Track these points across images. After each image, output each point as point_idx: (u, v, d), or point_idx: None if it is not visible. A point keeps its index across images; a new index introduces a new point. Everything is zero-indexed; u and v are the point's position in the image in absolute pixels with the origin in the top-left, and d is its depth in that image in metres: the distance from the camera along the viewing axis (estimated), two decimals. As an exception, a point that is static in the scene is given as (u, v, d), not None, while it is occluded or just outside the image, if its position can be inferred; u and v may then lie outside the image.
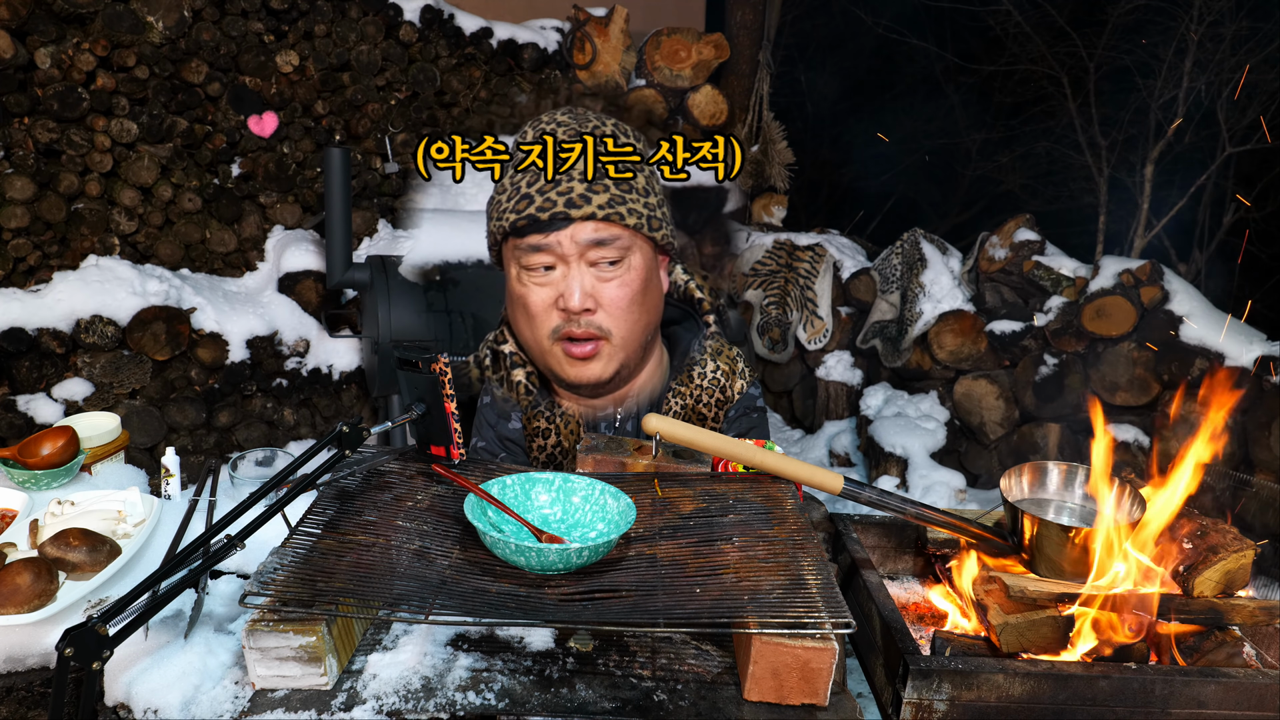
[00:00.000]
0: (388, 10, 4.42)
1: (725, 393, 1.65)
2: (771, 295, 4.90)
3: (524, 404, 1.39)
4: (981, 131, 7.08)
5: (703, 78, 5.33)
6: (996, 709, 1.17)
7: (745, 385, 1.67)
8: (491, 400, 1.63)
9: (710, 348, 1.64)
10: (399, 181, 4.64)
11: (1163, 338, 3.72)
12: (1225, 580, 1.29)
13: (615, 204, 1.15)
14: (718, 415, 1.68)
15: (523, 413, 1.61)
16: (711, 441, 1.43)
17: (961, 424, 4.27)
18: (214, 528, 1.12)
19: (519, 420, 1.65)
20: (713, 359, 1.64)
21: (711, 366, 1.63)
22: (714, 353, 1.64)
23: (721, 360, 1.64)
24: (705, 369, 1.63)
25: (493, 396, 1.62)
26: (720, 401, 1.66)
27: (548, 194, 1.11)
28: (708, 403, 1.64)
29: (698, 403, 1.65)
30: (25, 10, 3.52)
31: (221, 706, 1.00)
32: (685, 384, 1.62)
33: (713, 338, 1.61)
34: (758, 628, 1.00)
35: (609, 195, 1.13)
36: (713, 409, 1.65)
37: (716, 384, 1.62)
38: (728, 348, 1.67)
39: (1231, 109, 5.37)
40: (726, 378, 1.64)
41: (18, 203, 3.63)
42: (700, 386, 1.62)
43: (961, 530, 1.42)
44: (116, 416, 1.80)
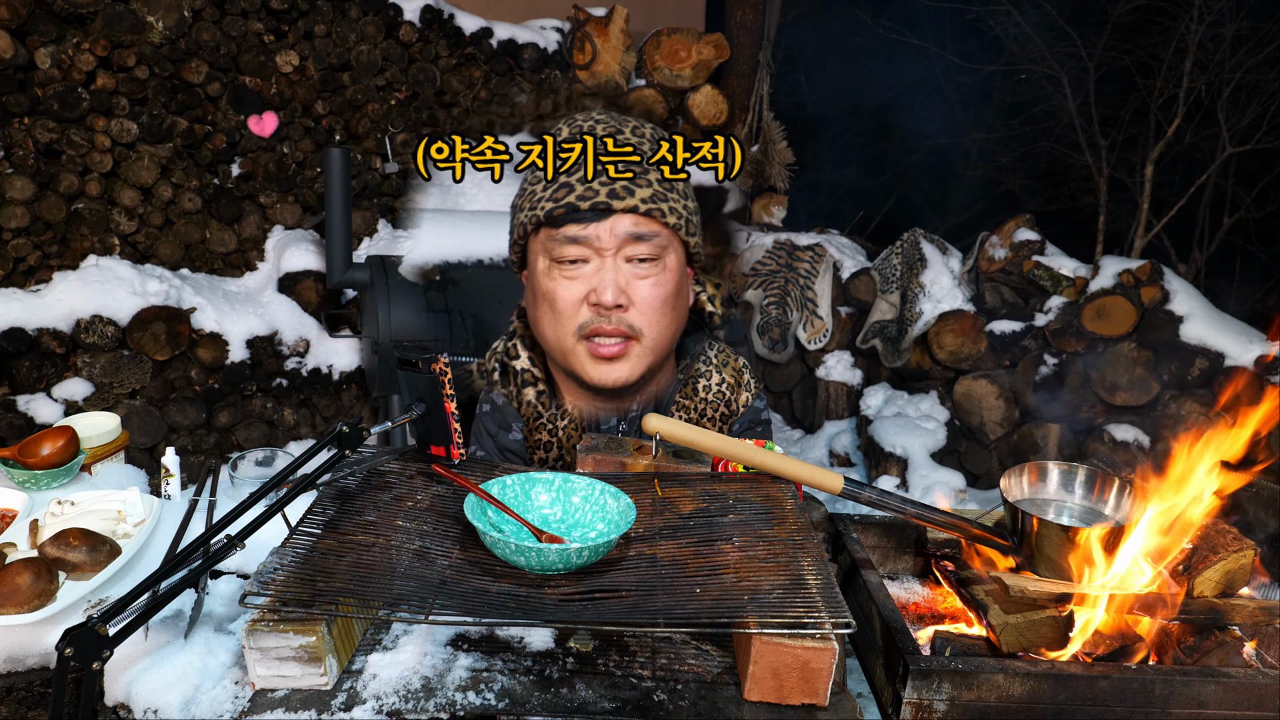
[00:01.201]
0: (388, 10, 4.42)
1: (730, 406, 1.63)
2: (771, 295, 4.91)
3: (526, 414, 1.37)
4: (981, 131, 7.08)
5: (703, 78, 5.33)
6: (996, 709, 1.17)
7: (750, 398, 1.65)
8: (491, 409, 1.60)
9: (716, 359, 1.62)
10: (399, 181, 4.64)
11: (1163, 338, 3.72)
12: (1225, 580, 1.29)
13: (658, 200, 1.13)
14: (721, 430, 1.66)
15: (524, 423, 1.58)
16: (711, 441, 1.43)
17: (961, 424, 4.27)
18: (214, 528, 1.12)
19: (520, 431, 1.61)
20: (718, 371, 1.62)
21: (717, 379, 1.61)
22: (719, 364, 1.62)
23: (727, 372, 1.62)
24: (710, 381, 1.61)
25: (493, 405, 1.59)
26: (725, 415, 1.64)
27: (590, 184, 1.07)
28: (712, 416, 1.63)
29: (701, 416, 1.64)
30: (25, 10, 3.52)
31: (221, 706, 1.00)
32: (690, 397, 1.61)
33: (718, 348, 1.59)
34: (758, 628, 1.00)
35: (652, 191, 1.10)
36: (717, 423, 1.64)
37: (721, 397, 1.61)
38: (734, 359, 1.65)
39: (1231, 109, 5.36)
40: (731, 390, 1.62)
41: (18, 203, 3.63)
42: (705, 400, 1.60)
43: (961, 530, 1.42)
44: (116, 416, 1.80)
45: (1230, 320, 3.75)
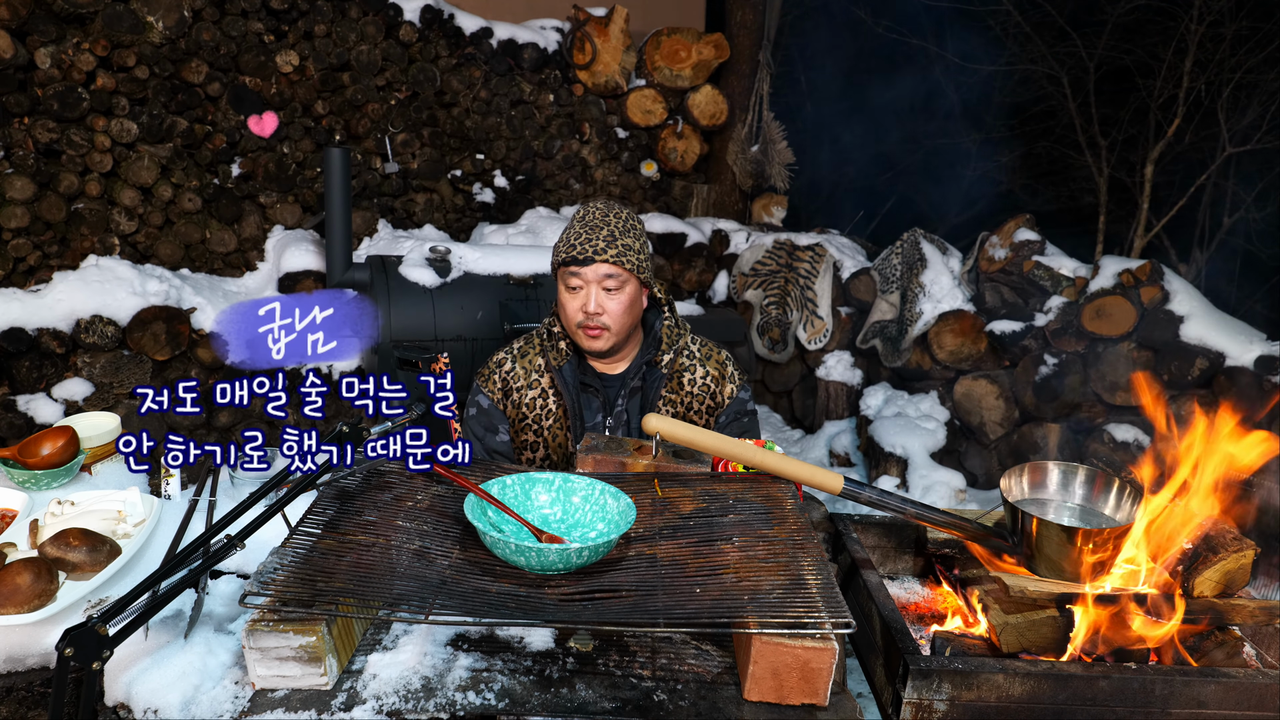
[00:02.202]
0: (388, 10, 4.42)
1: (715, 398, 1.94)
2: (771, 295, 4.90)
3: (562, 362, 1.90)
4: (981, 131, 7.08)
5: (703, 78, 5.33)
6: (996, 709, 1.17)
7: (735, 389, 1.95)
8: (478, 412, 1.94)
9: (699, 353, 1.95)
10: (399, 181, 4.64)
11: (1163, 338, 3.72)
12: (1225, 580, 1.29)
13: (620, 255, 1.81)
14: (709, 422, 1.95)
15: (510, 424, 1.93)
16: (711, 441, 1.43)
17: (961, 424, 4.27)
18: (214, 528, 1.12)
19: (506, 433, 1.94)
20: (702, 364, 1.94)
21: (701, 372, 1.93)
22: (703, 358, 1.95)
23: (711, 365, 1.94)
24: (695, 374, 1.93)
25: (479, 408, 1.93)
26: (711, 408, 1.94)
27: (584, 244, 1.81)
28: (698, 409, 1.93)
29: (689, 410, 1.93)
30: (25, 10, 3.52)
31: (221, 706, 1.00)
32: (675, 390, 1.92)
33: (700, 341, 1.98)
34: (758, 628, 1.00)
35: (616, 250, 1.81)
36: (703, 415, 1.93)
37: (706, 390, 1.93)
38: (716, 352, 1.98)
39: (1231, 109, 5.36)
40: (716, 383, 1.94)
41: (18, 203, 3.63)
42: (690, 394, 1.92)
43: (961, 530, 1.42)
44: (116, 416, 1.80)
45: (1230, 320, 3.75)
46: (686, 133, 5.40)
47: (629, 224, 1.86)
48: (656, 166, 5.39)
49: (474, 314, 3.91)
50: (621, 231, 1.83)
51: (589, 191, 5.27)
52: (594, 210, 1.88)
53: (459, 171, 4.85)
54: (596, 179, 5.28)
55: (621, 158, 5.30)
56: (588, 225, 1.83)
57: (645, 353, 1.92)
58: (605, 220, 1.84)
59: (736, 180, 5.60)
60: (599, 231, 1.81)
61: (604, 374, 1.94)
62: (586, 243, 1.80)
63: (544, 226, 4.82)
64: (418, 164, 4.69)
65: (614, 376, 1.94)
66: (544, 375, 1.92)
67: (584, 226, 1.83)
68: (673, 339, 1.93)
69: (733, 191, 5.65)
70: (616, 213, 1.88)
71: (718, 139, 5.58)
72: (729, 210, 5.65)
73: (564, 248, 1.84)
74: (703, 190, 5.57)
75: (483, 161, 4.89)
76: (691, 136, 5.41)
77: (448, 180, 4.84)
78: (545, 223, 4.86)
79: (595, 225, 1.83)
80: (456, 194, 4.89)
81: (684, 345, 1.94)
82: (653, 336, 1.93)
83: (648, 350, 1.92)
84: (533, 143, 5.01)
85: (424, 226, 4.77)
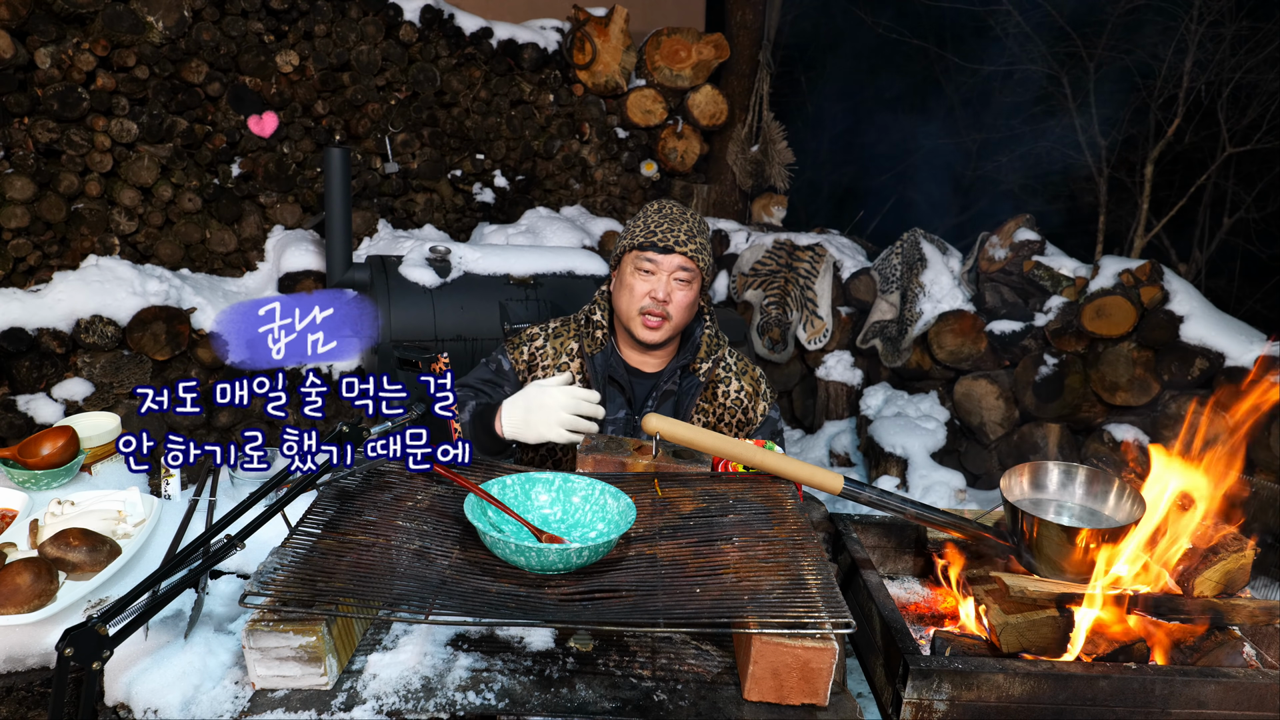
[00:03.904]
0: (388, 10, 4.42)
1: (748, 414, 1.94)
2: (771, 295, 4.90)
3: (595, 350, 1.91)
4: (981, 131, 7.08)
5: (703, 78, 5.33)
6: (996, 709, 1.17)
7: (767, 408, 1.95)
8: (495, 369, 1.96)
9: (736, 367, 1.96)
10: (399, 181, 4.64)
11: (1163, 338, 3.72)
12: (1225, 580, 1.29)
13: (697, 252, 1.85)
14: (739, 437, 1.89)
15: None
16: (711, 441, 1.43)
17: (961, 424, 4.27)
18: (214, 528, 1.12)
19: None
20: (738, 379, 1.95)
21: (736, 386, 1.94)
22: (739, 372, 1.96)
23: (746, 380, 1.95)
24: (730, 388, 1.93)
25: (497, 365, 1.96)
26: (742, 423, 1.94)
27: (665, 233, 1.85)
28: (730, 422, 1.93)
29: (720, 422, 1.93)
30: (25, 10, 3.52)
31: (221, 706, 1.00)
32: (710, 401, 1.92)
33: (737, 355, 1.98)
34: (758, 628, 1.00)
35: (694, 246, 1.85)
36: (733, 429, 1.93)
37: (739, 404, 1.93)
38: (751, 368, 1.99)
39: (1231, 109, 5.36)
40: (750, 399, 1.94)
41: (18, 203, 3.63)
42: (724, 406, 1.92)
43: (961, 530, 1.43)
44: (116, 416, 1.80)
45: (1230, 320, 3.75)
46: (686, 133, 5.40)
47: (702, 226, 1.92)
48: (656, 166, 5.39)
49: (474, 314, 3.91)
50: (698, 231, 1.88)
51: (589, 192, 5.27)
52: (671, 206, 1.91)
53: (459, 171, 4.85)
54: (596, 179, 5.28)
55: (621, 158, 5.30)
56: (668, 217, 1.86)
57: (681, 357, 1.92)
58: (684, 216, 1.88)
59: (736, 180, 5.59)
60: (680, 225, 1.85)
61: (636, 370, 1.94)
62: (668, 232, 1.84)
63: (544, 226, 4.82)
64: (418, 164, 4.69)
65: (646, 375, 1.94)
66: (574, 360, 1.91)
67: (663, 218, 1.86)
68: (712, 348, 1.94)
69: (733, 191, 5.65)
70: (693, 213, 1.92)
71: (718, 139, 5.58)
72: (729, 210, 5.65)
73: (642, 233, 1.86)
74: (703, 190, 5.57)
75: (483, 161, 4.89)
76: (691, 136, 5.41)
77: (448, 180, 4.84)
78: (545, 223, 4.86)
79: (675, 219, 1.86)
80: (456, 194, 4.88)
81: (722, 356, 1.95)
82: (691, 343, 1.94)
83: (684, 355, 1.92)
84: (533, 143, 5.01)
85: (424, 226, 4.77)
